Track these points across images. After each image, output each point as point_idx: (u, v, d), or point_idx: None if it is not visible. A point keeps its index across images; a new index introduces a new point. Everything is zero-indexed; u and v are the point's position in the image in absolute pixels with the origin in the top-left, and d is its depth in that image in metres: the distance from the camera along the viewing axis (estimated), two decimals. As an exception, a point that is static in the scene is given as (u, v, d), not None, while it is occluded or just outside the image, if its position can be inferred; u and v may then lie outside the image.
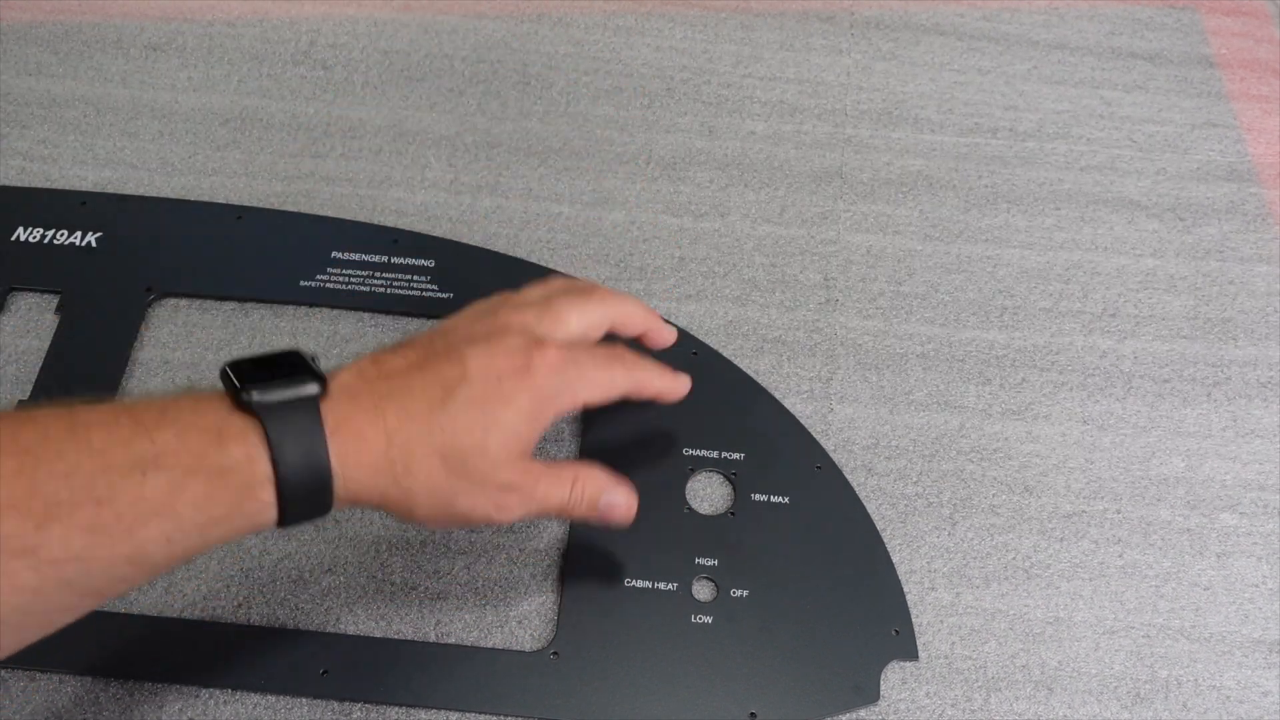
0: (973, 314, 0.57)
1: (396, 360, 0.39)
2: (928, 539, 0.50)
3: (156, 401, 0.36)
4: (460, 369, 0.39)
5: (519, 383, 0.39)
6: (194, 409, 0.35)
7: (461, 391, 0.38)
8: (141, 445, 0.34)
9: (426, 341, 0.40)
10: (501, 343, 0.40)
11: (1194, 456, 0.53)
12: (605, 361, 0.43)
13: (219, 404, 0.36)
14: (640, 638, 0.47)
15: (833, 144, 0.63)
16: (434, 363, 0.39)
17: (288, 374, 0.36)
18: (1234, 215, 0.61)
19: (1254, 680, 0.47)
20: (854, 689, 0.46)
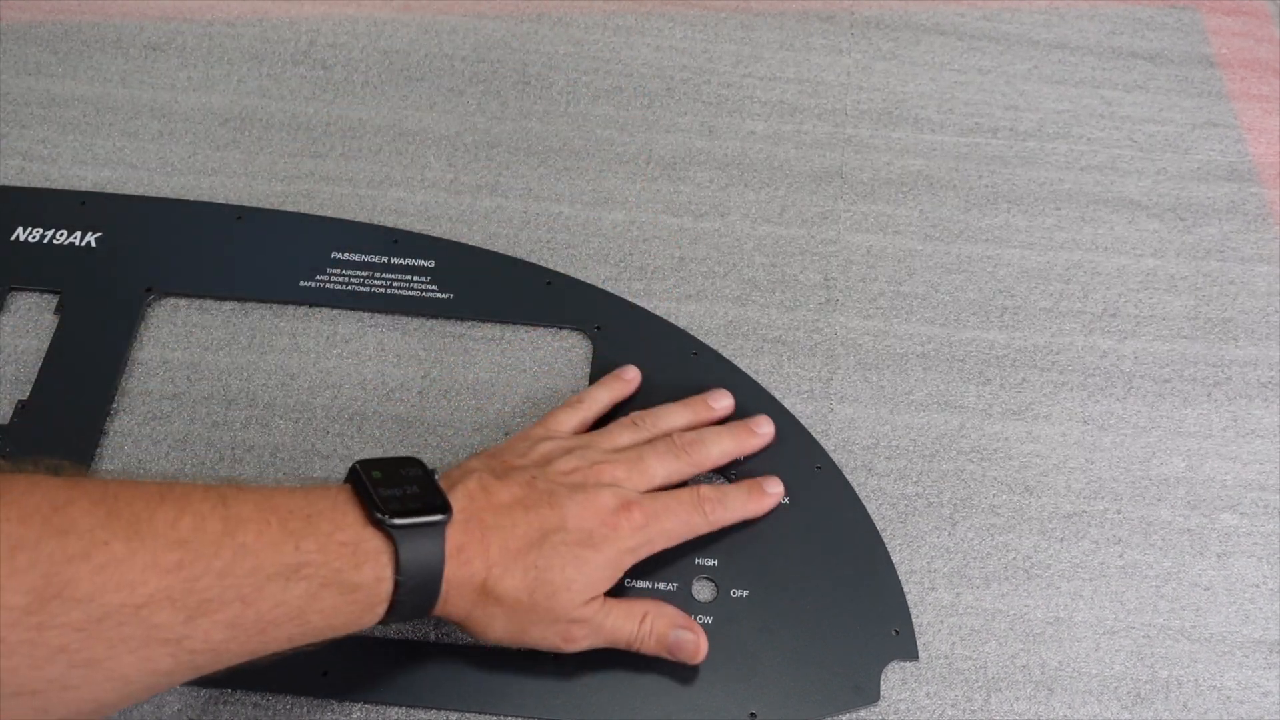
0: (973, 314, 0.57)
1: (504, 493, 0.42)
2: (928, 539, 0.50)
3: (299, 501, 0.38)
4: (559, 516, 0.42)
5: (606, 537, 0.43)
6: (334, 519, 0.38)
7: (557, 536, 0.42)
8: (288, 552, 0.36)
9: (529, 480, 0.43)
10: (596, 497, 0.43)
11: (1194, 456, 0.53)
12: (685, 513, 0.46)
13: (355, 515, 0.38)
14: None
15: (833, 144, 0.63)
16: (536, 505, 0.42)
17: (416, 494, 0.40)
18: (1234, 215, 0.61)
19: (1254, 680, 0.47)
20: (854, 689, 0.46)
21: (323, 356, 0.54)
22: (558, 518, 0.42)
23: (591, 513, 0.43)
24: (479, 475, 0.43)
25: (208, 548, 0.35)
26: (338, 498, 0.39)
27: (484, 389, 0.53)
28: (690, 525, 0.46)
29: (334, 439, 0.52)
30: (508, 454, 0.46)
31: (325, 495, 0.39)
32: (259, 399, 0.53)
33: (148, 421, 0.52)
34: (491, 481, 0.42)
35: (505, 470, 0.44)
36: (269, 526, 0.36)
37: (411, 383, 0.53)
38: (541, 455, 0.45)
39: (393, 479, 0.40)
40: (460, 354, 0.54)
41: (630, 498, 0.44)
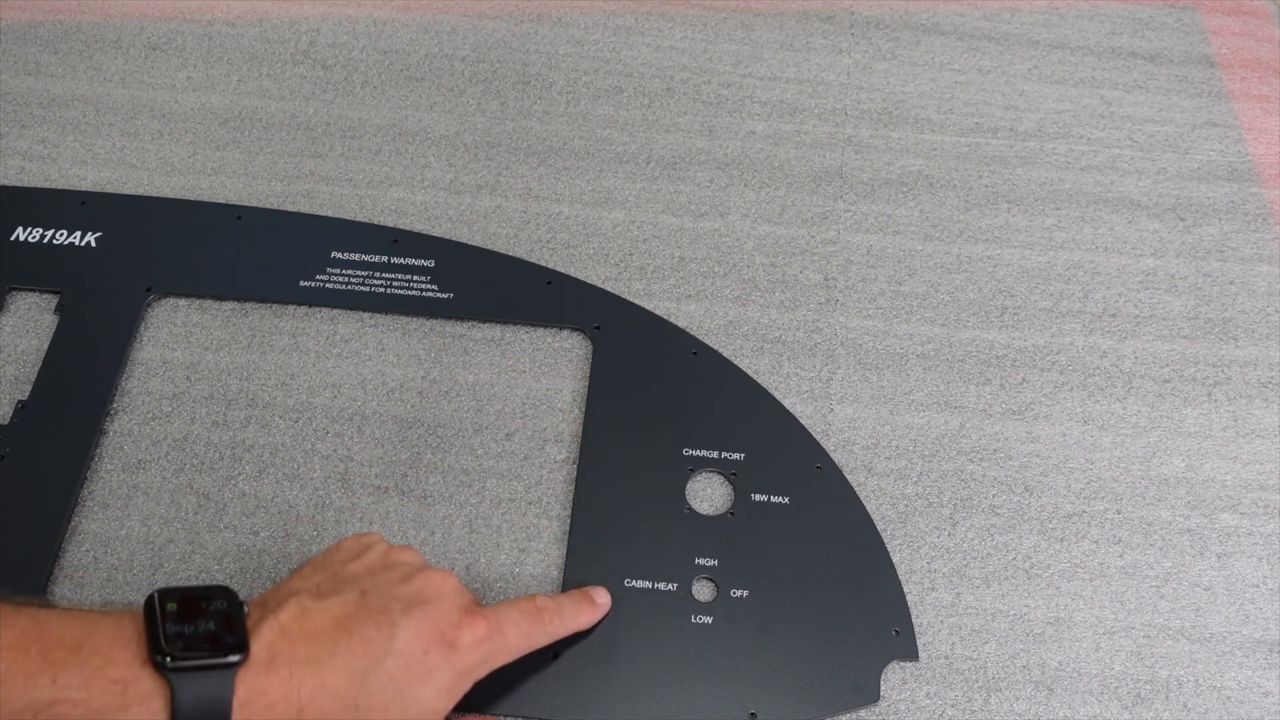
0: (973, 314, 0.57)
1: (323, 616, 0.38)
2: (928, 539, 0.50)
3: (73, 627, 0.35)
4: (387, 639, 0.38)
5: (442, 658, 0.39)
6: (107, 652, 0.35)
7: (383, 667, 0.38)
8: (43, 685, 0.33)
9: (358, 596, 0.39)
10: (435, 608, 0.40)
11: (1194, 456, 0.53)
12: (527, 625, 0.43)
13: (134, 650, 0.35)
14: (640, 638, 0.47)
15: (833, 144, 0.63)
16: (362, 626, 0.38)
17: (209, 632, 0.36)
18: (1234, 215, 0.61)
19: (1254, 680, 0.47)
20: (854, 689, 0.46)
21: (323, 356, 0.54)
22: (385, 641, 0.38)
23: (429, 629, 0.39)
24: (298, 599, 0.38)
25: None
26: (123, 629, 0.36)
27: (484, 389, 0.53)
28: (531, 639, 0.43)
29: (334, 439, 0.52)
30: (340, 558, 0.42)
31: (109, 625, 0.36)
32: (259, 399, 0.53)
33: (148, 421, 0.52)
34: (312, 604, 0.38)
35: (334, 584, 0.40)
36: (26, 655, 0.33)
37: (411, 383, 0.53)
38: (379, 556, 0.42)
39: (189, 612, 0.36)
40: (460, 354, 0.54)
41: (473, 607, 0.41)
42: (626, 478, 0.50)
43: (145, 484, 0.50)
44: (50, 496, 0.49)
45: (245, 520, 0.49)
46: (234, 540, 0.49)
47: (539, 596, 0.44)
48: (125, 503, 0.50)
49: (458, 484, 0.51)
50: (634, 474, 0.51)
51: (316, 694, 0.36)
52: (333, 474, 0.51)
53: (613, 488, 0.50)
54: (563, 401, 0.53)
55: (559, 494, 0.51)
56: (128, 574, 0.48)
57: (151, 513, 0.49)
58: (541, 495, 0.51)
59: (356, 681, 0.37)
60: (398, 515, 0.50)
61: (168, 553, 0.48)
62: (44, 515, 0.48)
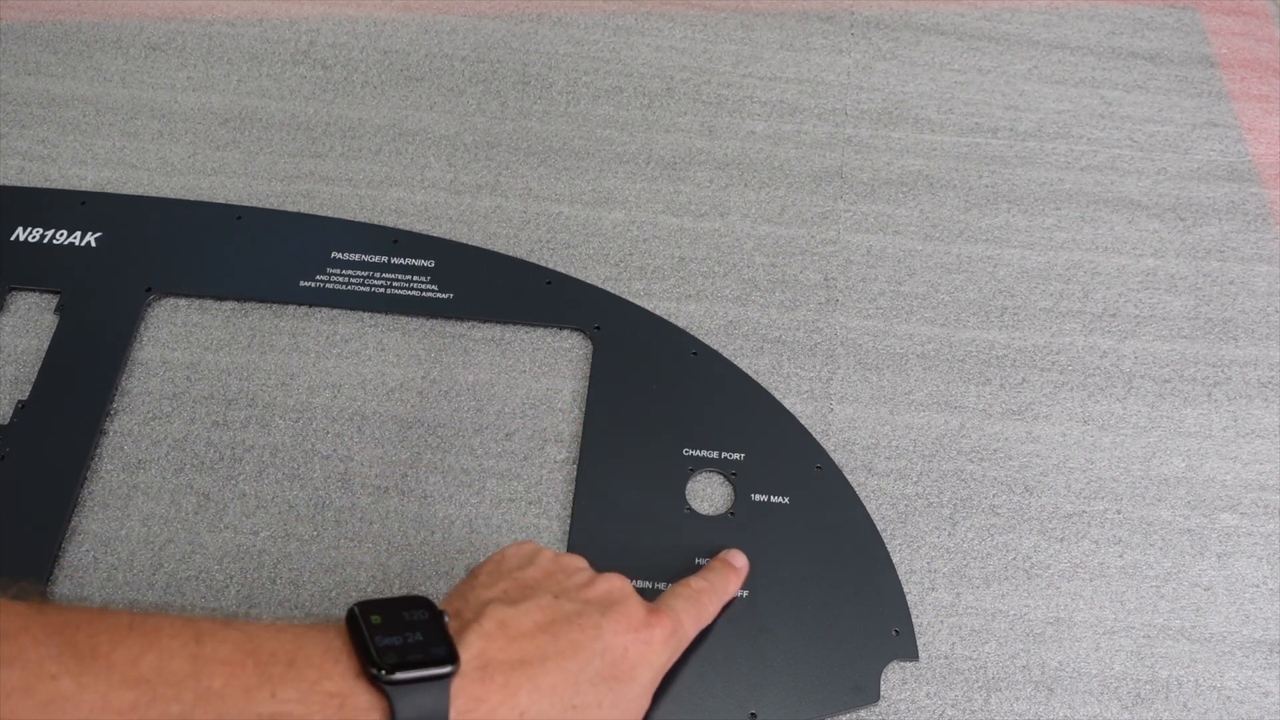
0: (973, 314, 0.57)
1: (525, 621, 0.38)
2: (928, 539, 0.50)
3: (284, 641, 0.34)
4: (590, 640, 0.39)
5: (640, 657, 0.40)
6: (322, 666, 0.34)
7: (591, 667, 0.38)
8: (262, 699, 0.33)
9: (551, 600, 0.39)
10: (625, 610, 0.41)
11: (1194, 456, 0.53)
12: (695, 610, 0.44)
13: (346, 664, 0.35)
14: None
15: (833, 144, 0.63)
16: (565, 629, 0.38)
17: (419, 643, 0.35)
18: (1234, 215, 0.61)
19: (1255, 681, 0.47)
20: (854, 689, 0.46)
21: (323, 356, 0.54)
22: (590, 641, 0.38)
23: (624, 628, 0.40)
24: (494, 608, 0.38)
25: (168, 689, 0.32)
26: (331, 642, 0.35)
27: (484, 389, 0.53)
28: (699, 622, 0.44)
29: (334, 439, 0.52)
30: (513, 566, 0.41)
31: (317, 639, 0.35)
32: (259, 399, 0.53)
33: (148, 421, 0.52)
34: (509, 612, 0.38)
35: (522, 591, 0.40)
36: (243, 669, 0.33)
37: (411, 383, 0.53)
38: (551, 562, 0.42)
39: (394, 624, 0.36)
40: (460, 354, 0.54)
41: (654, 606, 0.42)
42: (626, 478, 0.50)
43: (145, 484, 0.50)
44: (50, 496, 0.49)
45: (245, 520, 0.49)
46: (234, 540, 0.49)
47: (691, 579, 0.45)
48: (125, 503, 0.50)
49: (458, 484, 0.51)
50: (634, 474, 0.51)
51: (534, 697, 0.36)
52: (333, 474, 0.51)
53: (613, 488, 0.50)
54: (563, 401, 0.53)
55: (559, 494, 0.51)
56: (128, 574, 0.48)
57: (151, 513, 0.49)
58: (541, 495, 0.51)
59: (571, 682, 0.37)
60: (398, 515, 0.50)
61: (168, 553, 0.48)
62: (44, 515, 0.48)
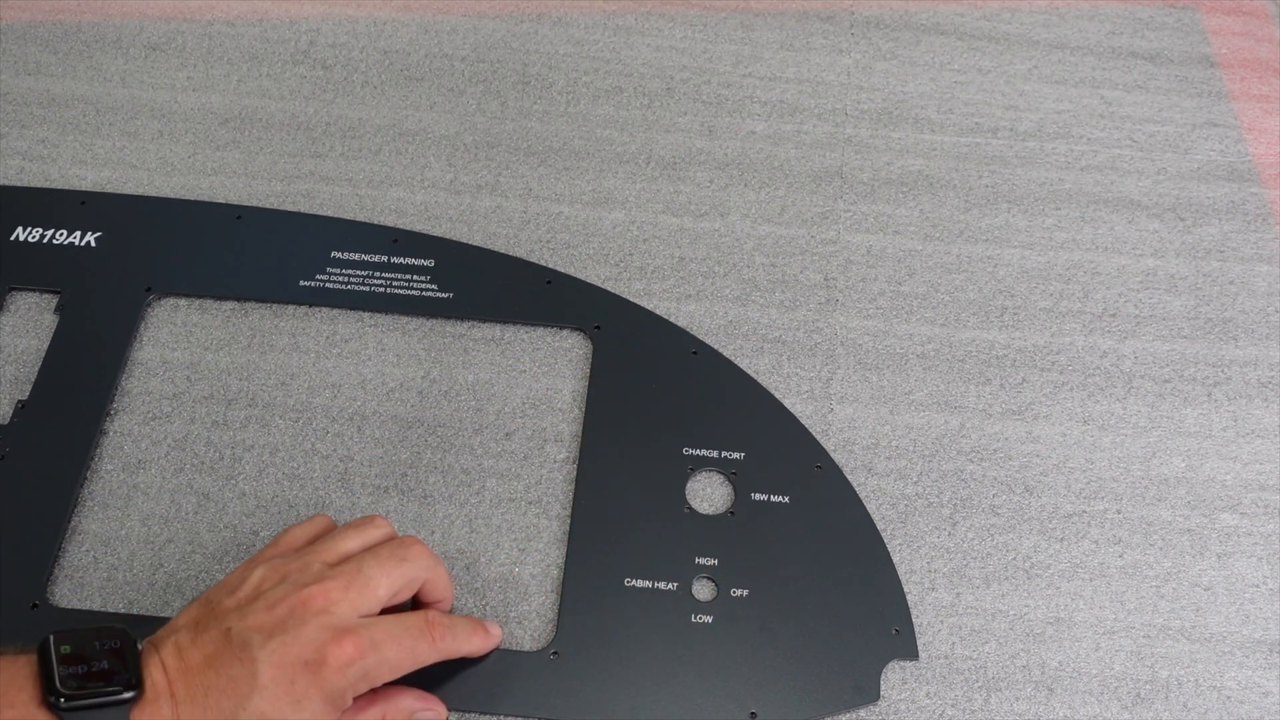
0: (973, 314, 0.57)
1: (196, 654, 0.39)
2: (928, 539, 0.50)
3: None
4: (250, 672, 0.38)
5: (312, 682, 0.38)
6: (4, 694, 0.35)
7: (251, 703, 0.38)
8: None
9: (224, 632, 0.39)
10: (296, 635, 0.39)
11: (1194, 456, 0.53)
12: (409, 640, 0.41)
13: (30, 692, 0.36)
14: (640, 637, 0.47)
15: (833, 144, 0.63)
16: (229, 664, 0.38)
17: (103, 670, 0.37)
18: (1234, 215, 0.61)
19: (1255, 681, 0.47)
20: (854, 689, 0.46)
21: (323, 356, 0.54)
22: (249, 677, 0.38)
23: (291, 656, 0.38)
24: (176, 637, 0.39)
25: None
26: (19, 671, 0.36)
27: (484, 389, 0.53)
28: (415, 655, 0.41)
29: (334, 439, 0.52)
30: (222, 593, 0.41)
31: (6, 668, 0.36)
32: (259, 399, 0.53)
33: (148, 421, 0.52)
34: (187, 642, 0.39)
35: (208, 619, 0.40)
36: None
37: (411, 382, 0.53)
38: (252, 588, 0.41)
39: (83, 654, 0.37)
40: (460, 354, 0.54)
41: (344, 625, 0.39)
42: (626, 477, 0.50)
43: (145, 484, 0.50)
44: (50, 496, 0.49)
45: (245, 520, 0.49)
46: (234, 540, 0.49)
47: (430, 611, 0.43)
48: (125, 503, 0.50)
49: (458, 484, 0.51)
50: (634, 473, 0.51)
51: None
52: (333, 474, 0.51)
53: (613, 487, 0.50)
54: (563, 401, 0.53)
55: (559, 493, 0.51)
56: (128, 574, 0.48)
57: (151, 513, 0.49)
58: (541, 495, 0.51)
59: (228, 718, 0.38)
60: (398, 515, 0.50)
61: (168, 553, 0.48)
62: (44, 515, 0.48)
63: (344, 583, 0.41)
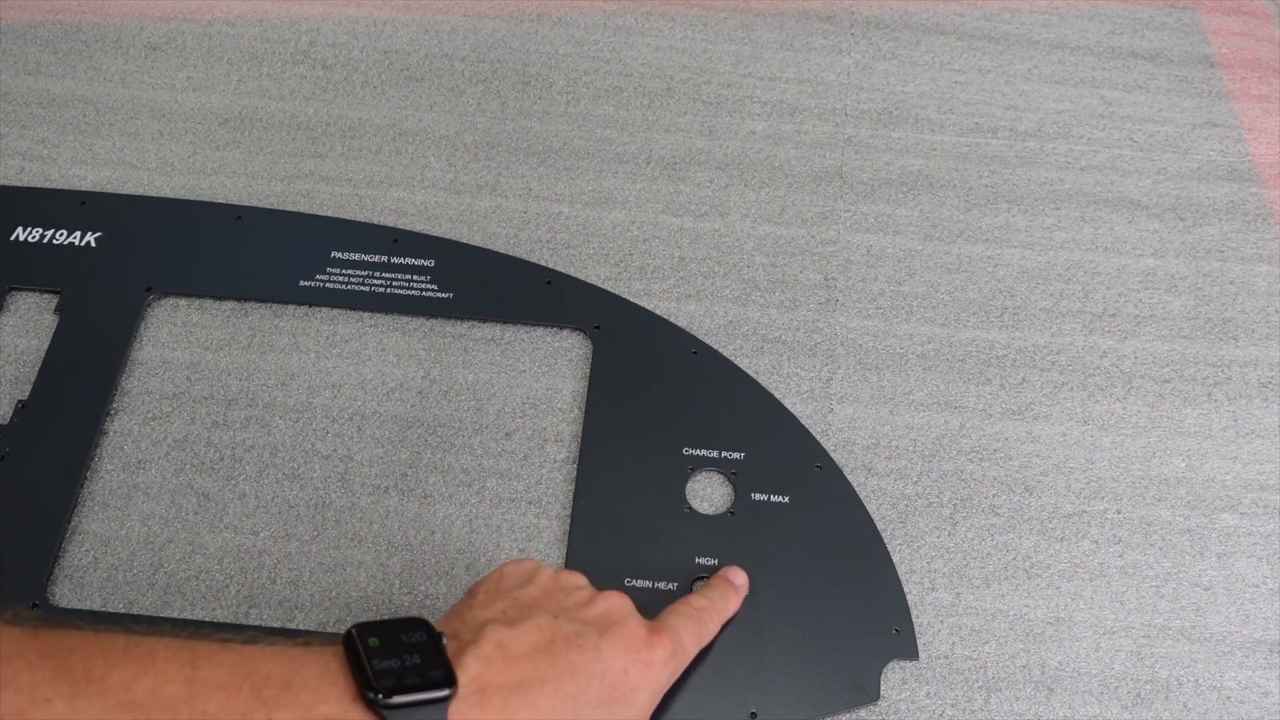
0: (973, 314, 0.57)
1: (523, 642, 0.38)
2: (928, 539, 0.50)
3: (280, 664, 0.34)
4: (589, 663, 0.38)
5: (640, 678, 0.40)
6: (318, 690, 0.34)
7: (590, 690, 0.38)
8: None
9: (550, 621, 0.39)
10: (624, 630, 0.40)
11: (1194, 456, 0.53)
12: (695, 629, 0.44)
13: (343, 687, 0.34)
14: None
15: (833, 144, 0.63)
16: (564, 651, 0.38)
17: (417, 666, 0.35)
18: (1234, 215, 0.61)
19: (1255, 681, 0.47)
20: (854, 689, 0.46)
21: (323, 356, 0.54)
22: (589, 663, 0.38)
23: (624, 649, 0.39)
24: (492, 629, 0.38)
25: (163, 713, 0.32)
26: (328, 665, 0.35)
27: (484, 389, 0.53)
28: (700, 641, 0.44)
29: (334, 439, 0.52)
30: (511, 585, 0.41)
31: (314, 661, 0.35)
32: (259, 399, 0.53)
33: (148, 421, 0.52)
34: (507, 634, 0.38)
35: (520, 611, 0.39)
36: (239, 693, 0.33)
37: (411, 382, 0.53)
38: (550, 580, 0.41)
39: (392, 647, 0.35)
40: (460, 354, 0.54)
41: (654, 625, 0.42)
42: (626, 477, 0.50)
43: (145, 484, 0.50)
44: (50, 496, 0.49)
45: (245, 520, 0.49)
46: (234, 540, 0.49)
47: (692, 597, 0.45)
48: (125, 503, 0.50)
49: (458, 484, 0.51)
50: (634, 473, 0.51)
51: None
52: (333, 474, 0.51)
53: (613, 487, 0.50)
54: (563, 401, 0.53)
55: (559, 493, 0.51)
56: (128, 574, 0.48)
57: (151, 513, 0.49)
58: (541, 495, 0.51)
59: (569, 705, 0.37)
60: (398, 515, 0.50)
61: (168, 553, 0.48)
62: (44, 515, 0.48)
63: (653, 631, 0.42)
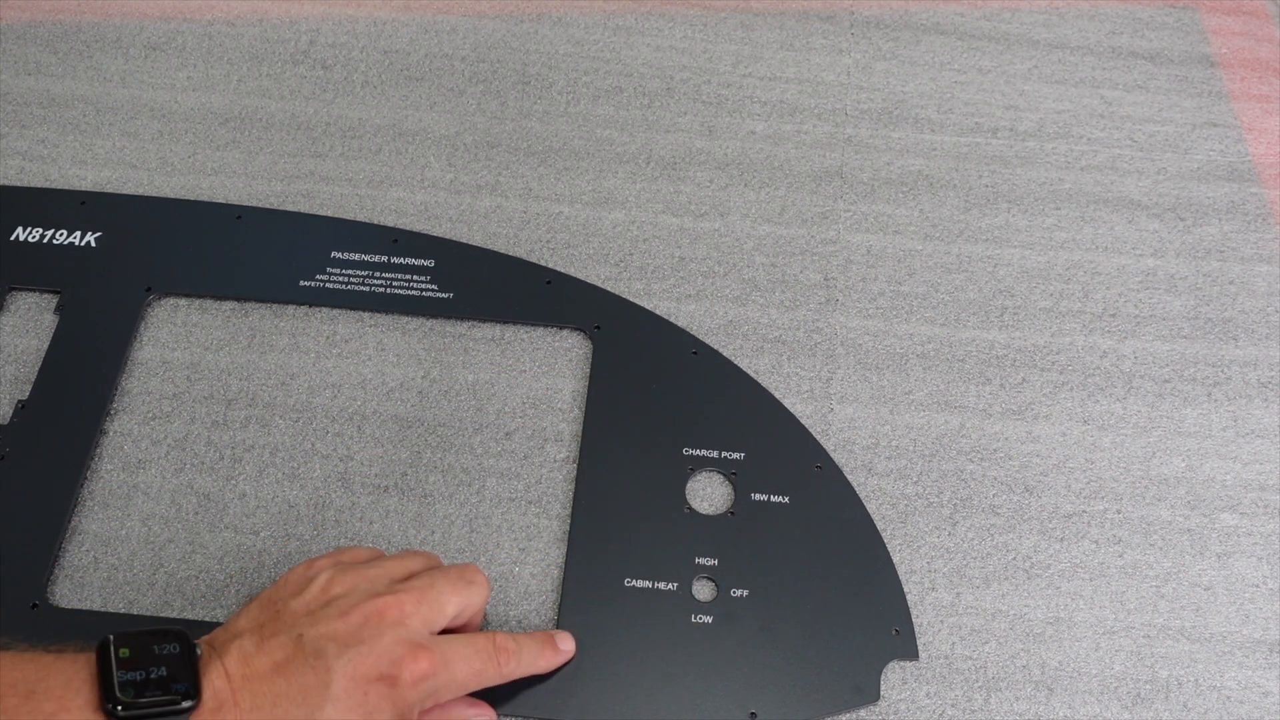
0: (973, 314, 0.57)
1: (264, 660, 0.38)
2: (928, 539, 0.50)
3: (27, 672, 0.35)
4: (323, 682, 0.38)
5: (384, 696, 0.38)
6: (61, 698, 0.35)
7: (323, 712, 0.37)
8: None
9: (296, 638, 0.38)
10: (372, 647, 0.39)
11: (1194, 456, 0.53)
12: (480, 662, 0.41)
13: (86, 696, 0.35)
14: (640, 638, 0.47)
15: (833, 144, 0.63)
16: (300, 672, 0.38)
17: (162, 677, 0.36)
18: (1234, 215, 0.61)
19: (1254, 680, 0.47)
20: (854, 689, 0.46)
21: (323, 356, 0.54)
22: (321, 687, 0.37)
23: (367, 668, 0.38)
24: (240, 642, 0.38)
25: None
26: (76, 673, 0.36)
27: (484, 389, 0.53)
28: (482, 676, 0.42)
29: (334, 439, 0.52)
30: (284, 594, 0.41)
31: (63, 669, 0.36)
32: (259, 399, 0.53)
33: (148, 421, 0.52)
34: (253, 648, 0.38)
35: (275, 625, 0.39)
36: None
37: (411, 382, 0.53)
38: (319, 591, 0.41)
39: (142, 657, 0.36)
40: (460, 354, 0.54)
41: (418, 641, 0.40)
42: (626, 477, 0.50)
43: (145, 484, 0.50)
44: (50, 496, 0.49)
45: (245, 520, 0.49)
46: (234, 540, 0.49)
47: (499, 634, 0.43)
48: (125, 503, 0.50)
49: (458, 483, 0.51)
50: (634, 473, 0.51)
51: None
52: (333, 474, 0.51)
53: (613, 486, 0.50)
54: (563, 401, 0.53)
55: (559, 493, 0.51)
56: (128, 574, 0.48)
57: (151, 513, 0.49)
58: (541, 494, 0.51)
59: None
60: (398, 515, 0.50)
61: (168, 552, 0.48)
62: (44, 515, 0.48)
63: (416, 597, 0.41)
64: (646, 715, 0.45)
